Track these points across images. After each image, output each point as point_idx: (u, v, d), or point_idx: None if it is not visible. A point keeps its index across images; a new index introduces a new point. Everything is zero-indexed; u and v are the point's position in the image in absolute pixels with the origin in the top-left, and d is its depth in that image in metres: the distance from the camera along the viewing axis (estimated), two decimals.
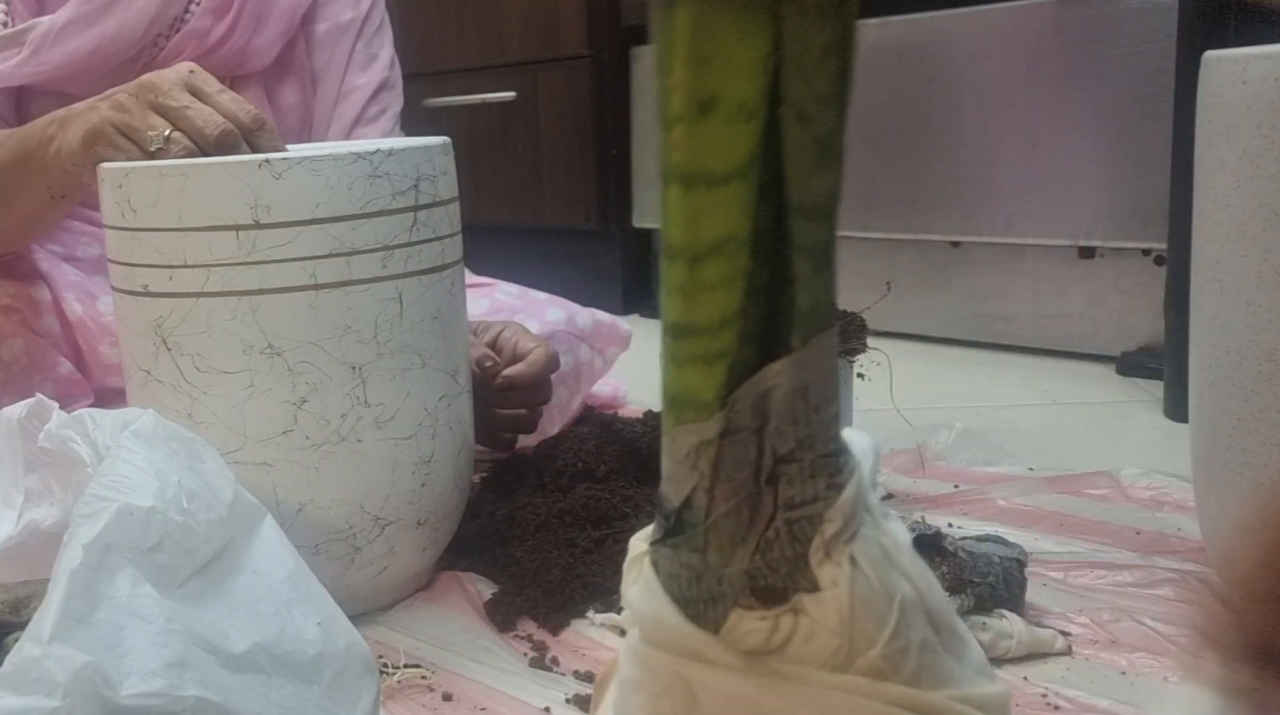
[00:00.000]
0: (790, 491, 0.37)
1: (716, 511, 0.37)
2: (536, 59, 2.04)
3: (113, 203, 0.74)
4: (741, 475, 0.37)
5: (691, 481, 0.37)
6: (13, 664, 0.49)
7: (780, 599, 0.37)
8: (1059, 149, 1.49)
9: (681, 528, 0.38)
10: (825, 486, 0.37)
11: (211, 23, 1.05)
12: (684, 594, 0.39)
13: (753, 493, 0.37)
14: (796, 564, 0.37)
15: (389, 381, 0.76)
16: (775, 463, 0.37)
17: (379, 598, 0.83)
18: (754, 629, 0.38)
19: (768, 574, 0.37)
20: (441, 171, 0.79)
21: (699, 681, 0.38)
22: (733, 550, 0.38)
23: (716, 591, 0.38)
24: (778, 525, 0.37)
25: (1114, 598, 0.80)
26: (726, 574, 0.38)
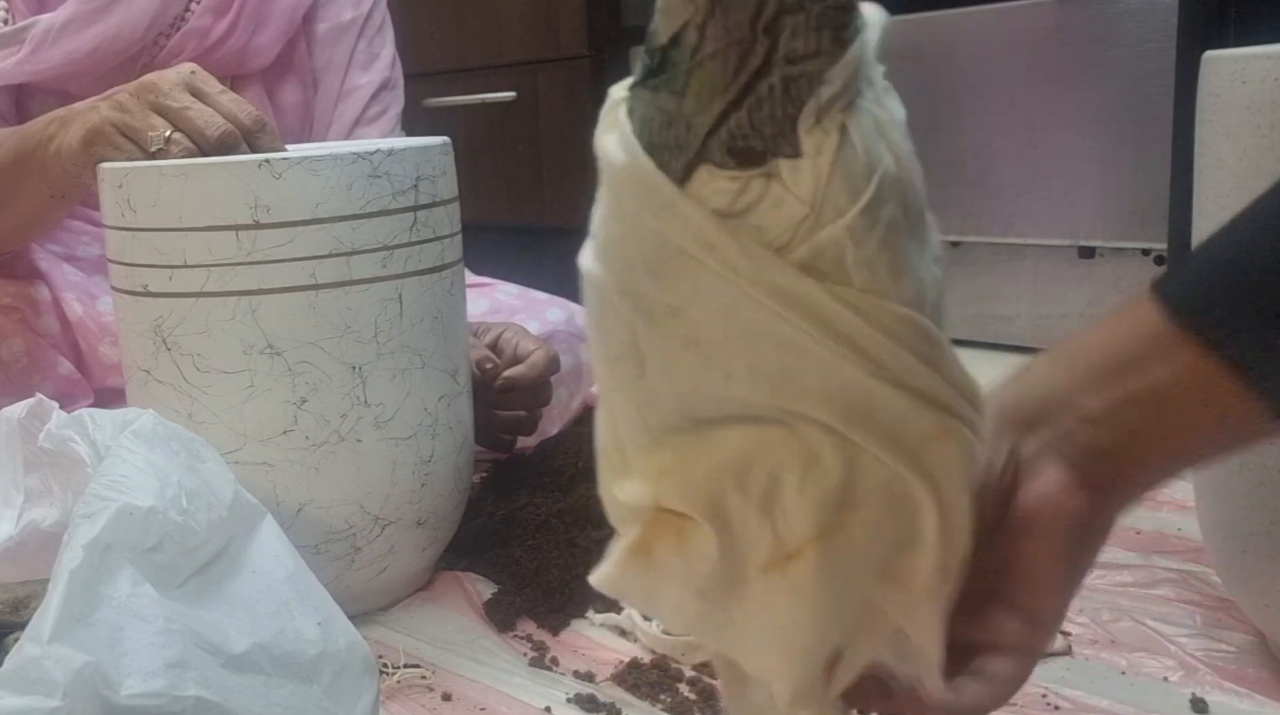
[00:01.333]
0: (793, 43, 0.35)
1: (704, 51, 0.35)
2: (536, 59, 2.04)
3: (112, 202, 0.74)
4: (738, 15, 0.35)
5: (685, 15, 0.36)
6: (12, 664, 0.49)
7: (757, 162, 0.36)
8: (1059, 149, 1.49)
9: (664, 67, 0.37)
10: (830, 41, 0.35)
11: (212, 22, 1.05)
12: (652, 140, 0.37)
13: (746, 38, 0.35)
14: (783, 126, 0.36)
15: (389, 381, 0.76)
16: (779, 10, 0.35)
17: (379, 598, 0.83)
18: (721, 189, 0.36)
19: (750, 134, 0.36)
20: (441, 171, 0.79)
21: (658, 232, 0.37)
22: (711, 98, 0.36)
23: (684, 140, 0.36)
24: (772, 81, 0.35)
25: (1114, 597, 0.80)
26: (698, 122, 0.36)
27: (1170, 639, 0.73)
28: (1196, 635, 0.74)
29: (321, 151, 0.74)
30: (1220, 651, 0.72)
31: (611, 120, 0.38)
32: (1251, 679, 0.68)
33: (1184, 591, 0.80)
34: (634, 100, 0.38)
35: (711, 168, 0.36)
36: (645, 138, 0.37)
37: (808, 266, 0.37)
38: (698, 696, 0.69)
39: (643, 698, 0.69)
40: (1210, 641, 0.73)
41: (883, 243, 0.37)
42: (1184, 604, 0.79)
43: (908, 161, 0.38)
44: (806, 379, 0.38)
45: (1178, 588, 0.81)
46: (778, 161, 0.36)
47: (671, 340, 0.38)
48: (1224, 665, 0.70)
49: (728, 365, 0.38)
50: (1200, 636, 0.74)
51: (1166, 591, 0.80)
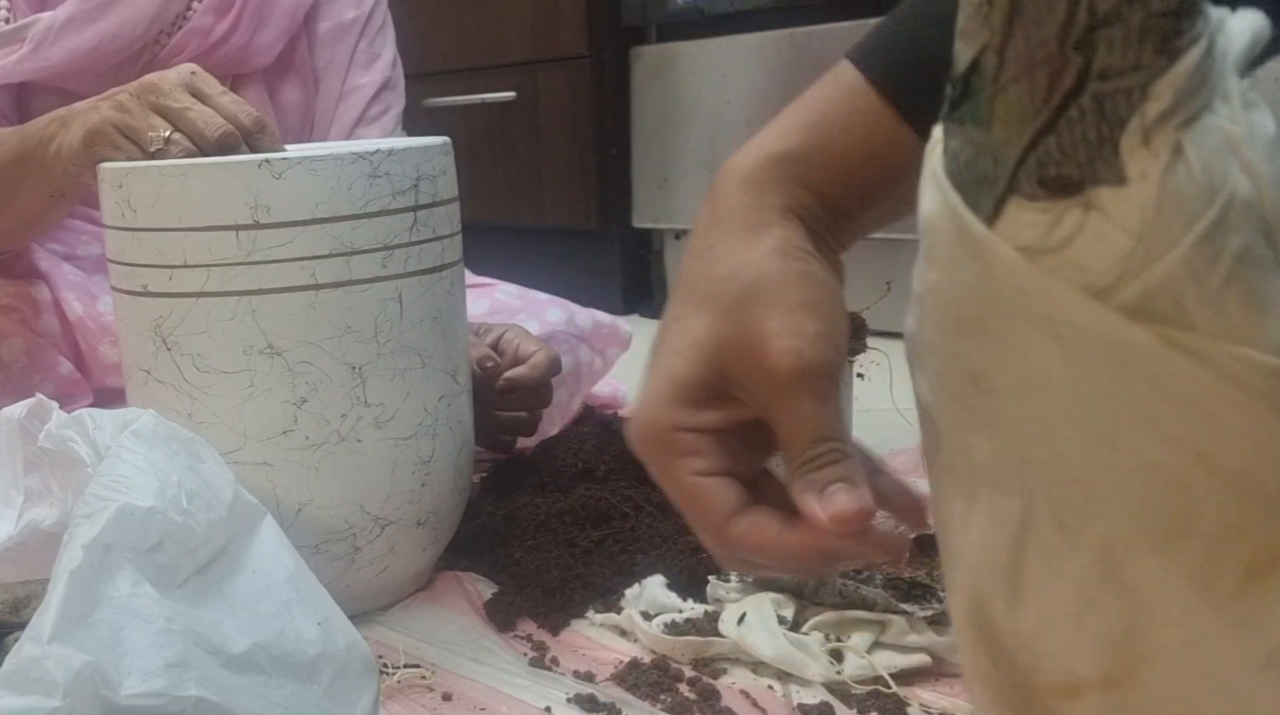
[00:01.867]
0: (1109, 58, 0.30)
1: (1006, 76, 0.32)
2: (536, 59, 2.04)
3: (112, 202, 0.74)
4: (1043, 33, 0.31)
5: (982, 39, 0.32)
6: (12, 664, 0.49)
7: (1073, 191, 0.31)
8: None
9: (967, 95, 0.33)
10: (1154, 53, 0.30)
11: (213, 21, 1.05)
12: (962, 175, 0.33)
13: (1054, 56, 0.31)
14: (1100, 150, 0.31)
15: (389, 381, 0.76)
16: (1092, 22, 0.30)
17: (379, 598, 0.83)
18: (1032, 223, 0.32)
19: (1062, 160, 0.31)
20: (441, 171, 0.79)
21: (965, 281, 0.33)
22: (1021, 126, 0.32)
23: (992, 173, 0.32)
24: (1083, 101, 0.31)
25: None
26: (1006, 153, 0.32)
27: None
28: None
29: (321, 151, 0.74)
30: None
31: (928, 158, 0.35)
32: None
33: None
34: (946, 133, 0.34)
35: (1020, 200, 0.32)
36: (954, 173, 0.34)
37: (1139, 310, 0.31)
38: (698, 696, 0.69)
39: (643, 698, 0.69)
40: None
41: (1231, 276, 0.31)
42: None
43: (1271, 184, 0.32)
44: (1121, 471, 0.31)
45: None
46: (1098, 189, 0.31)
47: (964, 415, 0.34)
48: None
49: (1026, 449, 0.33)
50: None
51: None
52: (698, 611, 0.76)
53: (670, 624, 0.75)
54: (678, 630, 0.75)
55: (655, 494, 0.89)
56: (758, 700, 0.68)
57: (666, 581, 0.80)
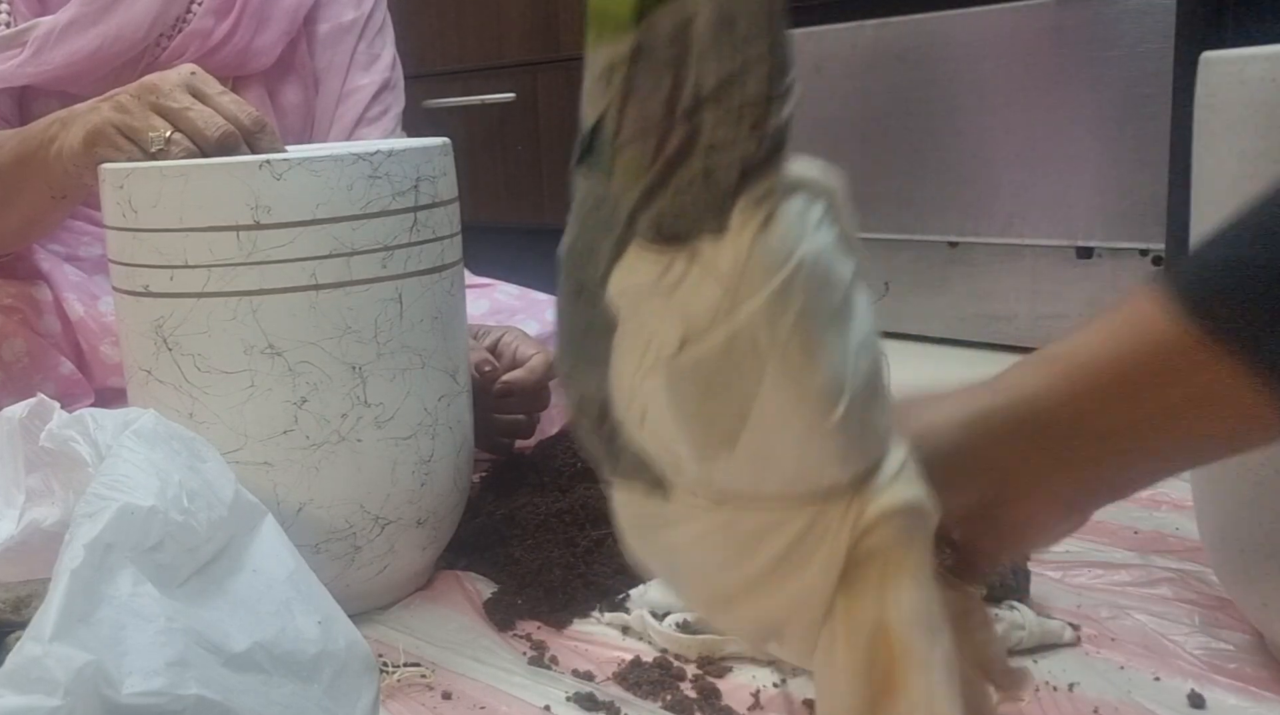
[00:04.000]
0: (715, 134, 0.36)
1: (624, 136, 0.37)
2: (536, 59, 2.05)
3: (113, 203, 0.75)
4: (653, 103, 0.36)
5: (604, 102, 0.37)
6: (13, 663, 0.49)
7: (682, 242, 0.37)
8: (1057, 149, 1.49)
9: (593, 149, 0.38)
10: (749, 131, 0.36)
11: (214, 23, 1.05)
12: (586, 220, 0.38)
13: (663, 123, 0.36)
14: (706, 210, 0.37)
15: (389, 381, 0.76)
16: (696, 101, 0.36)
17: (379, 597, 0.83)
18: (647, 266, 0.37)
19: (676, 218, 0.37)
20: (441, 172, 0.79)
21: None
22: (635, 179, 0.37)
23: (611, 219, 0.38)
24: (695, 168, 0.36)
25: (1113, 596, 0.80)
26: (623, 202, 0.37)
27: (1168, 637, 0.74)
28: (1195, 633, 0.74)
29: (322, 152, 0.74)
30: (1218, 649, 0.72)
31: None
32: (1249, 676, 0.69)
33: (1182, 591, 0.80)
34: (576, 179, 0.39)
35: (640, 244, 0.38)
36: (584, 216, 0.39)
37: (728, 350, 0.37)
38: (699, 695, 0.69)
39: (643, 696, 0.69)
40: (1208, 640, 0.73)
41: (795, 328, 0.37)
42: (1182, 603, 0.79)
43: (829, 255, 0.39)
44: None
45: (1176, 587, 0.81)
46: (702, 240, 0.37)
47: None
48: (1222, 663, 0.70)
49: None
50: (1198, 634, 0.74)
51: (1165, 591, 0.81)
52: None
53: (682, 623, 0.75)
54: (689, 630, 0.75)
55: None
56: (761, 698, 0.68)
57: None
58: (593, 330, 0.40)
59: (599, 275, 0.39)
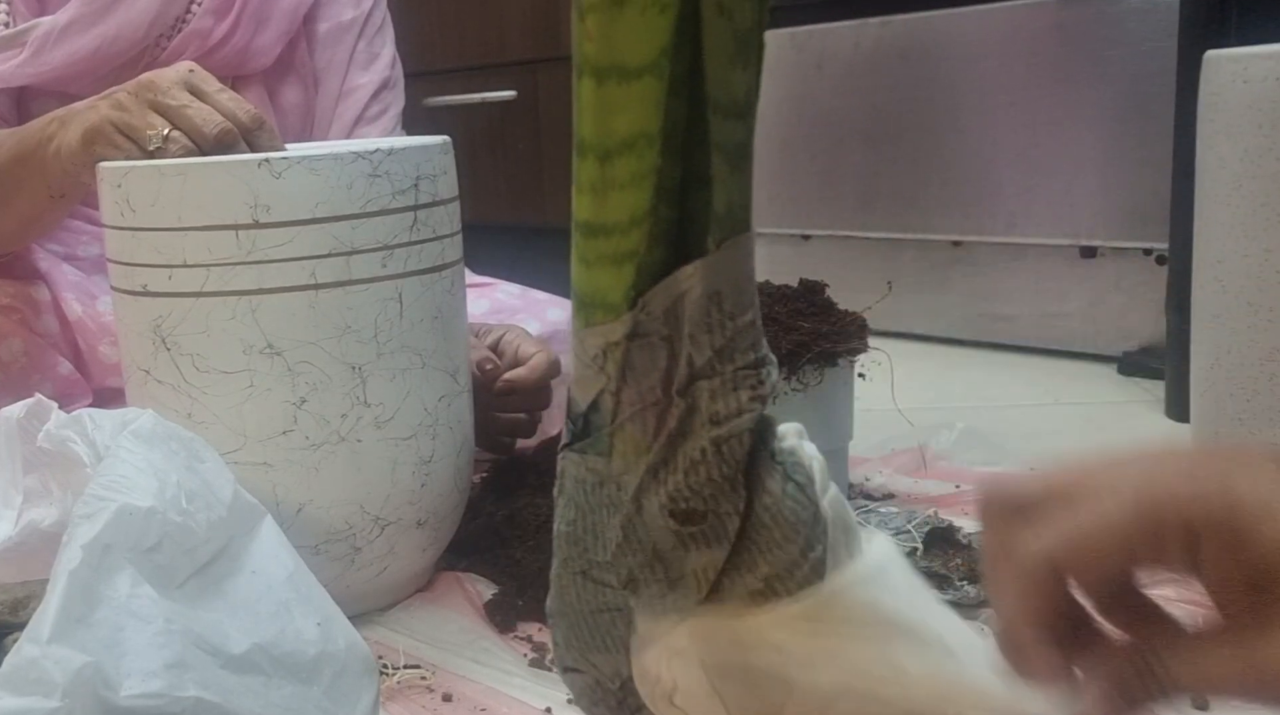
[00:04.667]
0: (714, 407, 0.36)
1: (622, 415, 0.37)
2: (536, 58, 2.04)
3: (112, 202, 0.74)
4: (650, 381, 0.36)
5: (599, 385, 0.37)
6: (12, 664, 0.49)
7: (698, 521, 0.37)
8: (1060, 148, 1.49)
9: (588, 431, 0.38)
10: (749, 399, 0.36)
11: (213, 23, 1.05)
12: (587, 499, 0.38)
13: (661, 401, 0.36)
14: (721, 487, 0.37)
15: (389, 381, 0.76)
16: (691, 375, 0.36)
17: (379, 598, 0.83)
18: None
19: (691, 497, 0.37)
20: (441, 171, 0.79)
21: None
22: (636, 458, 0.37)
23: (616, 498, 0.38)
24: (703, 444, 0.36)
25: None
26: (626, 481, 0.37)
27: None
28: None
29: (321, 151, 0.74)
30: None
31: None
32: None
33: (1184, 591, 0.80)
34: (566, 462, 0.39)
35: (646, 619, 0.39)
36: (578, 499, 0.39)
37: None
38: None
39: None
40: None
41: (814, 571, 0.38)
42: (1184, 603, 0.78)
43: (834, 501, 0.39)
44: None
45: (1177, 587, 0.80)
46: (725, 517, 0.37)
47: None
48: None
49: None
50: None
51: (1167, 591, 0.80)
52: None
53: None
54: None
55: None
56: None
57: None
58: (604, 612, 0.40)
59: (607, 557, 0.38)
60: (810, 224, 1.77)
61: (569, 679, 0.43)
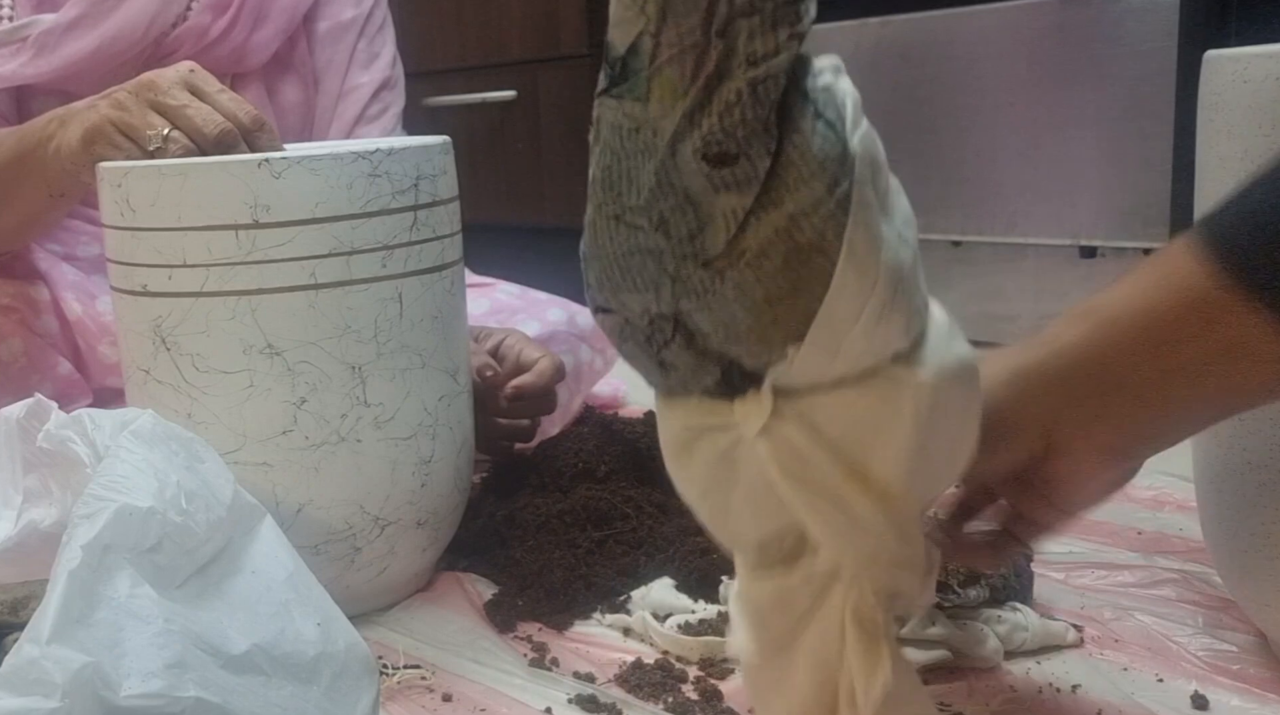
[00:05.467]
0: (752, 46, 0.36)
1: (661, 58, 0.37)
2: (537, 58, 2.04)
3: (111, 202, 0.74)
4: (690, 21, 0.36)
5: (639, 26, 0.37)
6: (11, 665, 0.49)
7: (730, 163, 0.37)
8: (1060, 148, 1.49)
9: (625, 75, 0.38)
10: (787, 38, 0.36)
11: (211, 19, 1.05)
12: (623, 145, 0.38)
13: (700, 42, 0.36)
14: (754, 128, 0.37)
15: (389, 381, 0.76)
16: (731, 13, 0.35)
17: (379, 598, 0.83)
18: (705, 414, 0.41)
19: (724, 139, 0.37)
20: (441, 171, 0.79)
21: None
22: (673, 101, 0.37)
23: (651, 143, 0.38)
24: (739, 86, 0.36)
25: (1116, 597, 0.80)
26: (663, 125, 0.37)
27: (1172, 638, 0.73)
28: (1198, 634, 0.74)
29: (321, 151, 0.74)
30: (1221, 650, 0.71)
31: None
32: (1253, 678, 0.68)
33: (1185, 591, 0.80)
34: (602, 108, 0.39)
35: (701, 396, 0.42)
36: (613, 144, 0.39)
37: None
38: (700, 697, 0.69)
39: (645, 699, 0.69)
40: (1211, 640, 0.73)
41: (858, 220, 0.39)
42: (1185, 604, 0.78)
43: (871, 137, 0.40)
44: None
45: (1179, 588, 0.81)
46: (753, 158, 0.37)
47: None
48: (1225, 664, 0.70)
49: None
50: (1202, 635, 0.73)
51: (1168, 591, 0.80)
52: (711, 612, 0.76)
53: (684, 625, 0.75)
54: (691, 631, 0.74)
55: (656, 495, 0.89)
56: None
57: (675, 583, 0.80)
58: (635, 254, 0.40)
59: (640, 202, 0.39)
60: None
61: (599, 318, 0.44)
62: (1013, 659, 0.72)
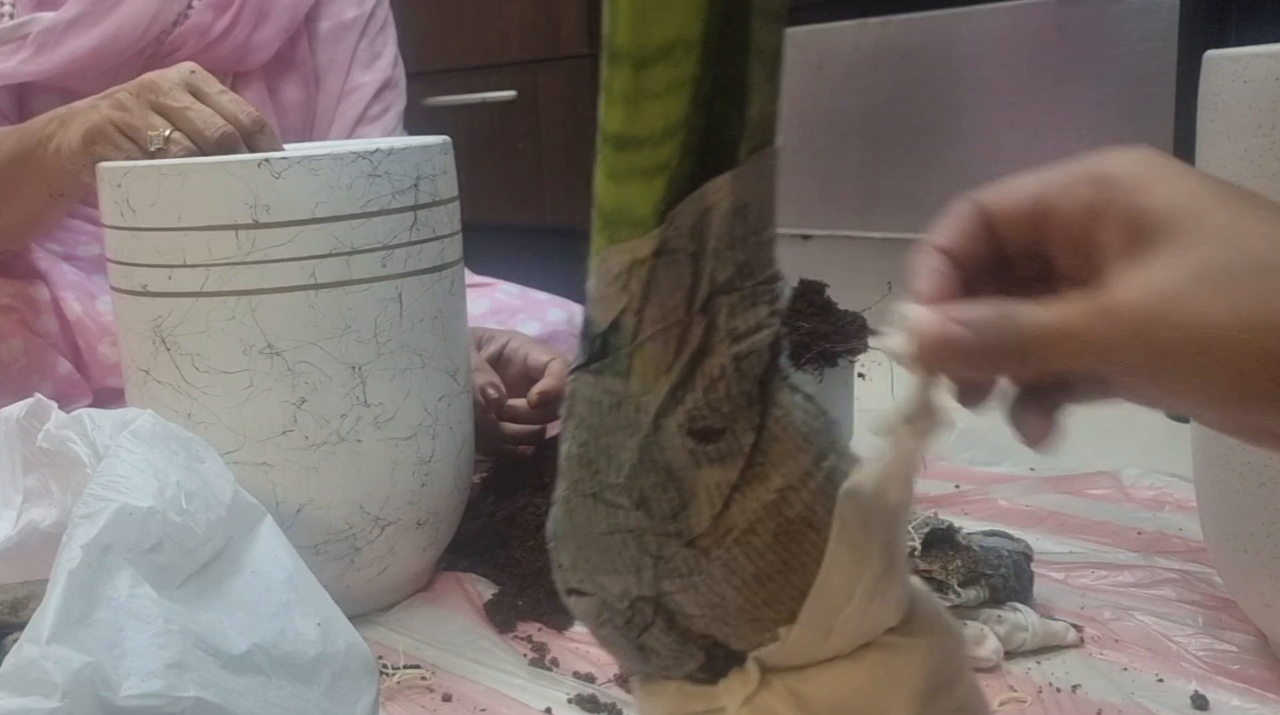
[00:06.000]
0: (734, 322, 0.36)
1: (643, 334, 0.36)
2: (537, 58, 2.04)
3: (111, 202, 0.74)
4: (674, 299, 0.35)
5: (621, 303, 0.36)
6: (11, 665, 0.49)
7: (715, 439, 0.36)
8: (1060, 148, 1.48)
9: (605, 352, 0.37)
10: (768, 314, 0.36)
11: (213, 17, 1.05)
12: (602, 421, 0.38)
13: (683, 320, 0.36)
14: (738, 402, 0.36)
15: (389, 381, 0.76)
16: (713, 291, 0.35)
17: (379, 598, 0.83)
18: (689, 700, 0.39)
19: (709, 415, 0.36)
20: (441, 171, 0.79)
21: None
22: (656, 378, 0.36)
23: (635, 419, 0.37)
24: (723, 361, 0.36)
25: (1116, 597, 0.80)
26: (646, 401, 0.37)
27: (1172, 638, 0.73)
28: (1198, 634, 0.74)
29: (321, 151, 0.74)
30: (1221, 650, 0.71)
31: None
32: (1253, 678, 0.68)
33: (1185, 591, 0.80)
34: (578, 384, 0.38)
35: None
36: (592, 421, 0.38)
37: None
38: None
39: None
40: (1211, 640, 0.73)
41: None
42: (1185, 604, 0.78)
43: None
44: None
45: (1179, 588, 0.81)
46: (742, 434, 0.37)
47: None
48: (1225, 664, 0.70)
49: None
50: (1202, 635, 0.73)
51: (1168, 591, 0.80)
52: None
53: None
54: None
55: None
56: None
57: None
58: (615, 534, 0.39)
59: (620, 480, 0.38)
60: (810, 224, 1.77)
61: (573, 601, 0.42)
62: (1013, 659, 0.72)
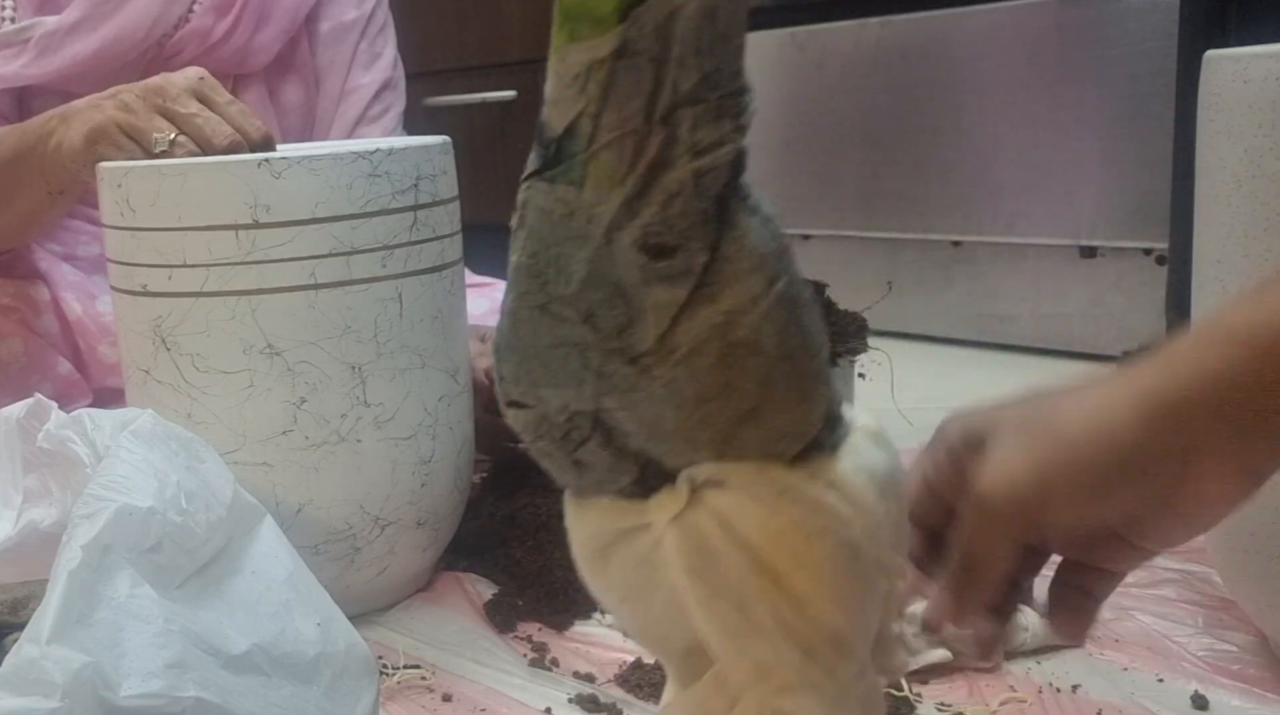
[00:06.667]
0: (696, 135, 0.35)
1: (599, 142, 0.35)
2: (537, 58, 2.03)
3: (112, 202, 0.74)
4: (633, 106, 0.34)
5: (578, 106, 0.35)
6: (11, 665, 0.49)
7: (668, 256, 0.36)
8: (1060, 148, 1.49)
9: (560, 158, 0.36)
10: (732, 129, 0.35)
11: (214, 20, 1.05)
12: (554, 231, 0.37)
13: (641, 129, 0.35)
14: (694, 220, 0.35)
15: (389, 381, 0.76)
16: (675, 101, 0.34)
17: (379, 598, 0.83)
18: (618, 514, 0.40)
19: (664, 231, 0.35)
20: (441, 170, 0.79)
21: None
22: (610, 188, 0.35)
23: (586, 230, 0.36)
24: (682, 176, 0.35)
25: (1116, 597, 0.79)
26: (599, 212, 0.36)
27: (1172, 638, 0.73)
28: (1198, 634, 0.74)
29: (321, 151, 0.74)
30: (1221, 650, 0.71)
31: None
32: (1253, 678, 0.68)
33: (1185, 591, 0.80)
34: (531, 192, 0.37)
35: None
36: (542, 229, 0.37)
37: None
38: None
39: (645, 698, 0.69)
40: (1212, 640, 0.73)
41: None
42: (1185, 604, 0.78)
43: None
44: None
45: (1179, 588, 0.81)
46: (691, 250, 0.36)
47: None
48: (1225, 664, 0.70)
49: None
50: (1202, 635, 0.73)
51: (1168, 591, 0.80)
52: None
53: None
54: None
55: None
56: None
57: None
58: (559, 347, 0.38)
59: (568, 291, 0.37)
60: (810, 224, 1.77)
61: (512, 413, 0.41)
62: (1013, 659, 0.72)
